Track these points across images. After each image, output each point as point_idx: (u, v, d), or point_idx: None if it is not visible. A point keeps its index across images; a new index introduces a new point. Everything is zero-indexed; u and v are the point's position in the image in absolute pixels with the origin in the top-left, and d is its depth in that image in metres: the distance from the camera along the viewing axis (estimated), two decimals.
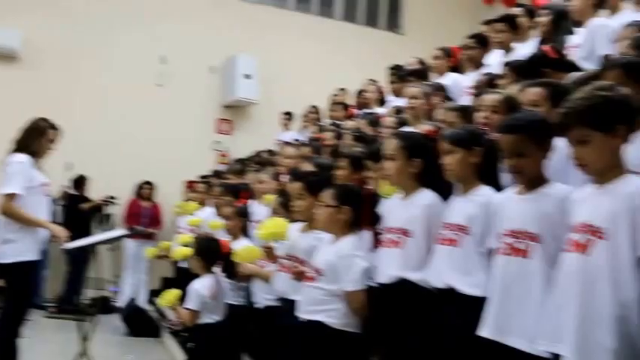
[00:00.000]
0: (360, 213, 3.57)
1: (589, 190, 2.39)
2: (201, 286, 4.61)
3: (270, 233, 4.10)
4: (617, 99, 2.28)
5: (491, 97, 3.63)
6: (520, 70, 4.29)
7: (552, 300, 2.37)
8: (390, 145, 3.43)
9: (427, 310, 3.10)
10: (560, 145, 2.61)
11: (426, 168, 3.34)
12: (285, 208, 4.38)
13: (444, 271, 3.00)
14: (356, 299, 3.39)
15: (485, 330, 2.66)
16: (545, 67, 3.92)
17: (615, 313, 2.15)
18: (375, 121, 5.74)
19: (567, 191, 2.56)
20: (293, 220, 4.14)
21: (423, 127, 4.09)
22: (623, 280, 2.16)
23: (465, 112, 3.87)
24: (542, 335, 2.38)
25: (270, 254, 4.30)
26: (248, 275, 4.64)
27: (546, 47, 4.16)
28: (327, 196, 3.59)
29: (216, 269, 4.77)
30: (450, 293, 2.96)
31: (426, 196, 3.30)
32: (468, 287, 2.88)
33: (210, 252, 4.76)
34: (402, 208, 3.36)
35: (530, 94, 3.20)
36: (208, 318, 4.60)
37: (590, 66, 4.09)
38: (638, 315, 2.12)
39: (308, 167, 4.79)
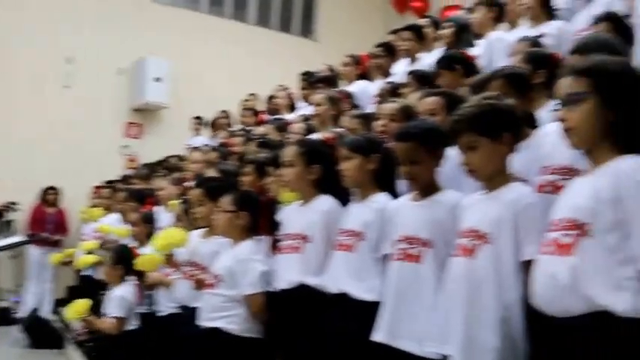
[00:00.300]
0: (258, 218, 3.59)
1: (477, 197, 2.48)
2: (126, 292, 4.54)
3: (165, 244, 4.08)
4: (504, 108, 2.39)
5: (389, 106, 3.70)
6: (422, 79, 4.40)
7: (441, 303, 2.44)
8: (289, 151, 3.46)
9: (323, 314, 3.11)
10: (453, 153, 2.68)
11: (324, 174, 3.37)
12: (187, 214, 4.33)
13: (340, 277, 3.03)
14: (255, 303, 3.40)
15: (379, 334, 2.69)
16: (458, 64, 4.05)
17: (499, 315, 2.23)
18: (282, 127, 5.75)
19: (458, 198, 2.64)
20: (195, 227, 4.10)
21: (324, 134, 4.12)
22: (506, 282, 2.24)
23: (366, 120, 3.92)
24: (431, 337, 2.45)
25: (170, 261, 4.24)
26: (152, 283, 4.55)
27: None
28: (226, 201, 3.60)
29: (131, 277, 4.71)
30: (344, 298, 2.98)
31: (325, 202, 3.33)
32: (362, 292, 2.91)
33: (126, 260, 4.70)
34: (300, 214, 3.38)
35: (428, 103, 3.29)
36: (130, 325, 4.58)
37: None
38: (519, 316, 2.21)
39: (213, 173, 4.74)
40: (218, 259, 3.64)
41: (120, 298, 4.54)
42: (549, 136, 2.48)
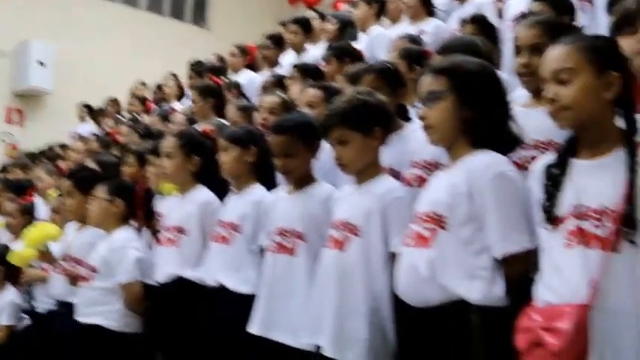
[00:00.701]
0: (133, 207, 3.57)
1: (349, 190, 2.53)
2: (15, 296, 4.42)
3: (35, 238, 3.95)
4: (375, 103, 2.45)
5: (269, 99, 3.73)
6: (307, 72, 4.43)
7: (313, 294, 2.48)
8: (168, 142, 3.43)
9: (201, 307, 3.10)
10: (329, 146, 2.72)
11: (204, 166, 3.37)
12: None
13: (216, 269, 3.03)
14: (130, 291, 3.37)
15: (254, 326, 2.70)
16: (347, 56, 4.11)
17: (368, 305, 2.28)
18: (167, 116, 5.66)
19: (331, 190, 2.69)
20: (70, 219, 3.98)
21: (203, 126, 4.09)
22: (375, 274, 2.30)
23: (248, 112, 3.92)
24: (304, 328, 2.48)
25: (45, 256, 4.08)
26: (28, 279, 4.37)
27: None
28: (100, 190, 3.55)
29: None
30: (221, 291, 2.99)
31: (202, 194, 3.32)
32: (237, 284, 2.93)
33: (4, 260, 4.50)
34: (178, 206, 3.37)
35: (308, 95, 3.33)
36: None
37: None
38: (388, 306, 2.27)
39: (92, 164, 4.61)
40: (94, 250, 3.55)
41: (10, 303, 4.36)
42: (417, 132, 2.57)
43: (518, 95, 2.60)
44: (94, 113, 8.81)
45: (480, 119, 2.05)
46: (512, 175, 1.99)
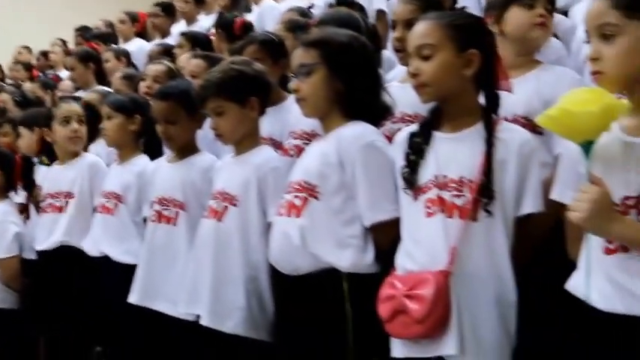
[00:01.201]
0: (12, 178, 3.45)
1: (228, 160, 2.53)
2: None
3: None
4: (251, 73, 2.44)
5: (154, 67, 3.68)
6: (195, 41, 4.37)
7: (191, 264, 2.48)
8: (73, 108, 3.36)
9: (83, 276, 3.07)
10: None
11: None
12: None
13: (100, 239, 3.00)
14: (8, 267, 3.29)
15: (134, 296, 2.69)
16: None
17: (245, 274, 2.30)
18: (49, 84, 5.45)
19: (212, 161, 2.69)
20: None
21: (86, 97, 3.98)
22: (253, 243, 2.32)
23: (133, 81, 3.84)
24: (183, 298, 2.48)
25: None
26: None
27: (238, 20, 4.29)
28: None
29: None
30: (105, 261, 2.96)
31: (91, 158, 3.30)
32: (120, 255, 2.92)
33: None
34: (64, 172, 3.30)
35: (191, 65, 3.30)
36: None
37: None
38: (266, 275, 2.29)
39: None
40: None
41: None
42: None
43: (399, 70, 2.69)
44: None
45: (351, 91, 2.09)
46: (381, 145, 2.05)
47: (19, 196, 3.55)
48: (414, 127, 1.99)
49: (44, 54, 7.46)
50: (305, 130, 2.57)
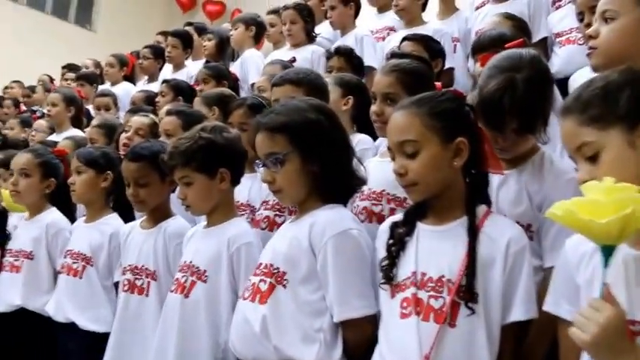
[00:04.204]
0: None
1: (199, 230, 2.38)
2: None
3: None
4: (221, 143, 2.29)
5: (139, 120, 3.53)
6: (178, 89, 4.28)
7: (155, 342, 2.30)
8: (24, 159, 3.18)
9: (49, 343, 2.88)
10: None
11: (57, 187, 3.17)
12: None
13: (66, 304, 2.83)
14: None
15: None
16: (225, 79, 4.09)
17: (212, 356, 2.13)
18: (27, 122, 5.34)
19: (184, 228, 2.54)
20: None
21: (61, 144, 3.84)
22: (220, 324, 2.15)
23: (110, 131, 3.70)
24: None
25: None
26: None
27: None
28: None
29: None
30: (72, 327, 2.78)
31: (50, 215, 3.12)
32: (89, 323, 2.75)
33: None
34: (26, 228, 3.15)
35: (165, 122, 3.18)
36: None
37: (243, 94, 4.22)
38: (233, 356, 2.08)
39: None
40: None
41: None
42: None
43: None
44: None
45: (326, 171, 1.95)
46: (356, 235, 1.89)
47: None
48: (398, 217, 1.85)
49: (32, 89, 7.34)
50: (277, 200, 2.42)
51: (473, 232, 1.67)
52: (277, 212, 2.44)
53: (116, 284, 2.73)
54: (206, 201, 2.29)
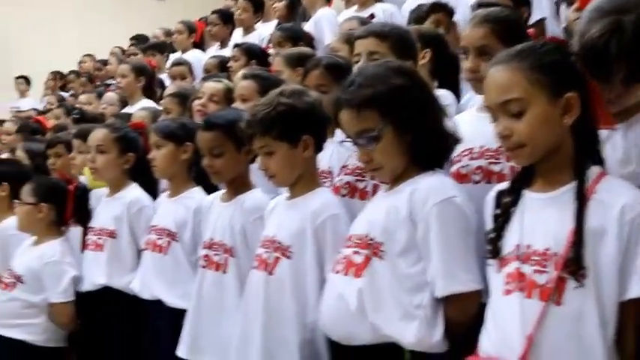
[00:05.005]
0: (64, 211, 3.18)
1: (281, 201, 2.26)
2: None
3: None
4: (303, 107, 2.13)
5: (212, 86, 3.37)
6: (250, 53, 4.17)
7: (239, 321, 2.21)
8: (100, 135, 3.10)
9: (135, 321, 2.85)
10: None
11: (137, 162, 3.08)
12: None
13: (151, 281, 2.77)
14: (63, 312, 3.05)
15: (182, 348, 2.46)
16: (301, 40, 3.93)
17: (300, 337, 2.03)
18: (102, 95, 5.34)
19: (263, 201, 2.41)
20: None
21: (136, 115, 3.78)
22: (308, 302, 2.04)
23: (184, 100, 3.60)
24: (231, 357, 2.22)
25: None
26: None
27: None
28: (25, 192, 3.17)
29: None
30: (158, 304, 2.73)
31: (131, 193, 3.04)
32: (175, 299, 2.68)
33: None
34: (107, 206, 3.09)
35: (240, 87, 3.02)
36: None
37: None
38: (322, 338, 1.99)
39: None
40: (17, 254, 3.22)
41: None
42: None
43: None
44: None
45: (420, 135, 1.82)
46: (461, 203, 1.76)
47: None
48: (504, 185, 1.69)
49: (104, 63, 7.39)
50: (359, 164, 2.26)
51: (581, 197, 1.49)
52: (358, 177, 2.28)
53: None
54: (290, 171, 2.15)
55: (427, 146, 1.84)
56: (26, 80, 8.69)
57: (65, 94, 7.54)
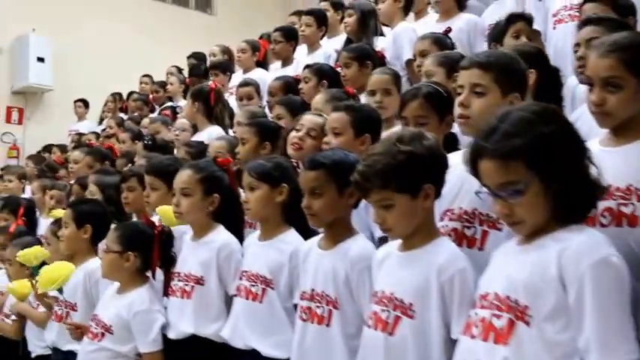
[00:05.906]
0: (150, 257, 3.02)
1: (394, 252, 2.06)
2: None
3: (48, 279, 3.33)
4: (423, 154, 1.93)
5: (312, 119, 3.12)
6: (321, 74, 3.99)
7: None
8: (183, 177, 2.91)
9: None
10: None
11: (222, 203, 2.90)
12: (56, 236, 3.64)
13: (245, 330, 2.60)
14: None
15: None
16: (369, 59, 3.79)
17: None
18: (166, 121, 5.24)
19: (367, 249, 2.24)
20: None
21: (212, 146, 3.61)
22: None
23: (263, 130, 3.41)
24: None
25: (46, 298, 3.51)
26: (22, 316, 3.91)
27: None
28: (110, 239, 3.02)
29: None
30: (252, 354, 2.56)
31: (219, 236, 2.86)
32: (271, 349, 2.51)
33: None
34: (193, 250, 2.90)
35: (332, 120, 2.84)
36: None
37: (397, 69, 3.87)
38: None
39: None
40: (102, 302, 3.10)
41: None
42: (455, 169, 2.02)
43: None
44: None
45: (568, 185, 1.63)
46: (617, 263, 1.57)
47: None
48: None
49: (162, 85, 7.28)
50: (465, 208, 2.10)
51: None
52: (466, 223, 2.10)
53: (296, 306, 2.48)
54: (409, 223, 1.96)
55: (573, 198, 1.65)
56: (84, 103, 8.67)
57: (124, 116, 7.45)
